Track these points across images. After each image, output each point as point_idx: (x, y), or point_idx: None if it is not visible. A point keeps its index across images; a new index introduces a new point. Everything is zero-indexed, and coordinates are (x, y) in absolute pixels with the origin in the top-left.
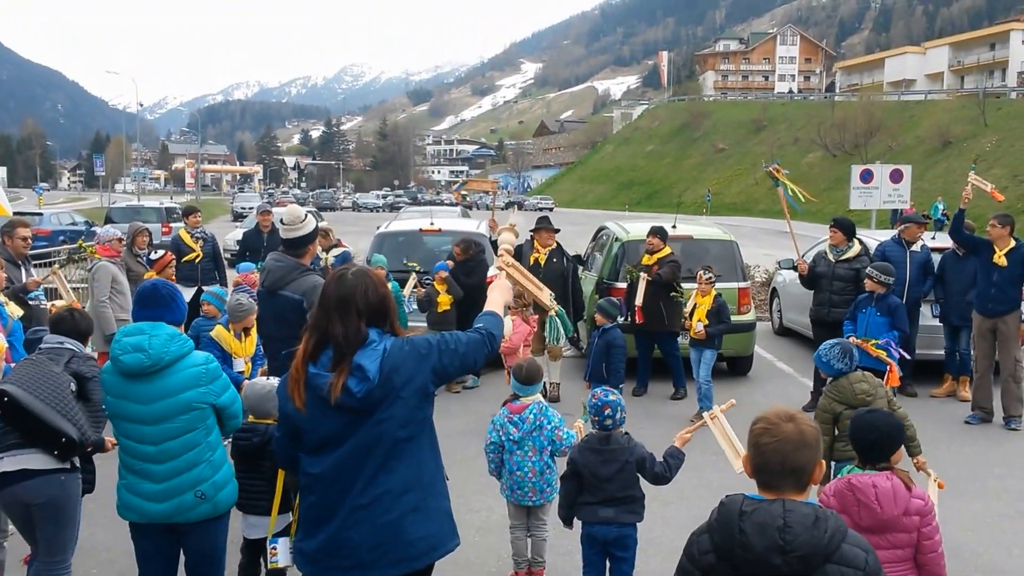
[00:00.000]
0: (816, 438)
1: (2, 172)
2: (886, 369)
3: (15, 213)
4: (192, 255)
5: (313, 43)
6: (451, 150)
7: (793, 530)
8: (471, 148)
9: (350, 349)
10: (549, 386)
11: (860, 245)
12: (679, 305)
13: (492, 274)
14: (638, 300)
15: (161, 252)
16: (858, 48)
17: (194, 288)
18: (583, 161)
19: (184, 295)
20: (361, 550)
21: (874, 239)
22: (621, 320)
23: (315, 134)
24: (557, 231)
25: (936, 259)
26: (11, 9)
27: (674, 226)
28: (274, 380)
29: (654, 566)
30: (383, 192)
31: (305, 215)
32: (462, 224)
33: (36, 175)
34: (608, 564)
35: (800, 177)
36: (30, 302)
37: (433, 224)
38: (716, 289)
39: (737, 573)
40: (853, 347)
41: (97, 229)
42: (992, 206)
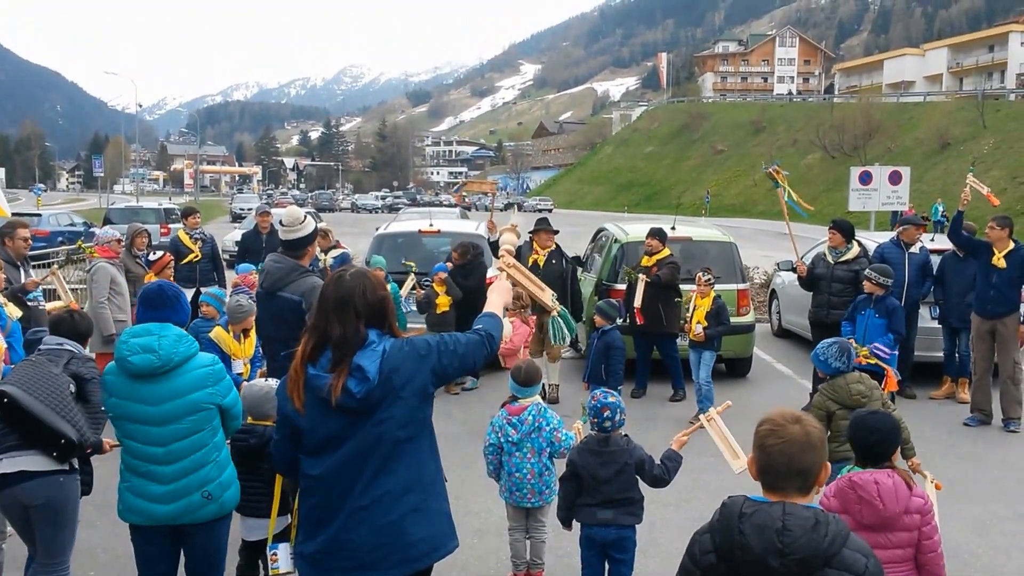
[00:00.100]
0: (822, 440)
1: (0, 173)
2: (884, 372)
3: (13, 214)
4: (191, 256)
5: (312, 44)
6: (450, 151)
7: (792, 533)
8: (470, 149)
9: (349, 350)
10: (548, 387)
11: (859, 247)
12: (678, 307)
13: (492, 275)
14: (636, 302)
15: (160, 253)
16: (857, 50)
17: (193, 289)
18: (582, 162)
19: None
20: (362, 551)
21: (873, 241)
22: (620, 322)
23: (314, 135)
24: (556, 232)
25: (935, 261)
26: (10, 10)
27: (673, 227)
28: (272, 382)
29: (653, 568)
30: (382, 193)
31: (304, 216)
32: (461, 225)
33: (35, 176)
34: (607, 566)
35: (799, 179)
36: (29, 303)
37: (432, 225)
38: (715, 291)
39: (736, 574)
40: (851, 346)
41: (96, 230)
42: (991, 208)
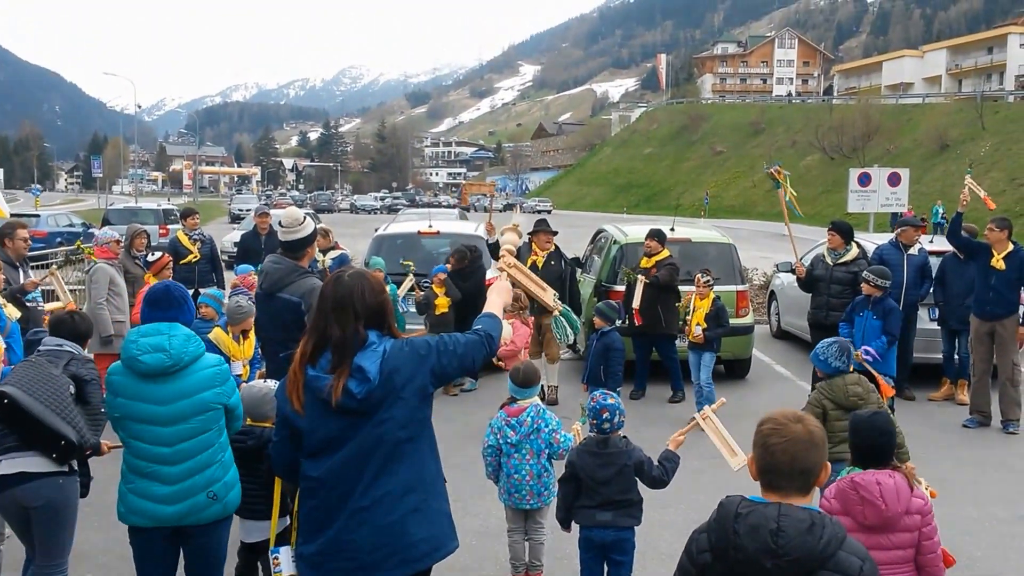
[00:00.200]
0: (823, 440)
1: None
2: (882, 374)
3: (12, 215)
4: (189, 257)
5: (312, 45)
6: (449, 152)
7: (786, 534)
8: (469, 150)
9: (349, 351)
10: (547, 389)
11: (858, 248)
12: (677, 308)
13: (492, 276)
14: (635, 303)
15: (158, 254)
16: (856, 51)
17: (191, 290)
18: (581, 163)
19: None
20: (362, 552)
21: (872, 242)
22: (619, 323)
23: (313, 136)
24: (555, 233)
25: (934, 263)
26: (9, 10)
27: (672, 229)
28: (271, 383)
29: (652, 569)
30: (381, 194)
31: (303, 217)
32: (460, 226)
33: (33, 177)
34: (606, 568)
35: (798, 180)
36: (28, 303)
37: (431, 226)
38: (714, 292)
39: (732, 574)
40: (851, 346)
41: (95, 231)
42: (990, 210)
